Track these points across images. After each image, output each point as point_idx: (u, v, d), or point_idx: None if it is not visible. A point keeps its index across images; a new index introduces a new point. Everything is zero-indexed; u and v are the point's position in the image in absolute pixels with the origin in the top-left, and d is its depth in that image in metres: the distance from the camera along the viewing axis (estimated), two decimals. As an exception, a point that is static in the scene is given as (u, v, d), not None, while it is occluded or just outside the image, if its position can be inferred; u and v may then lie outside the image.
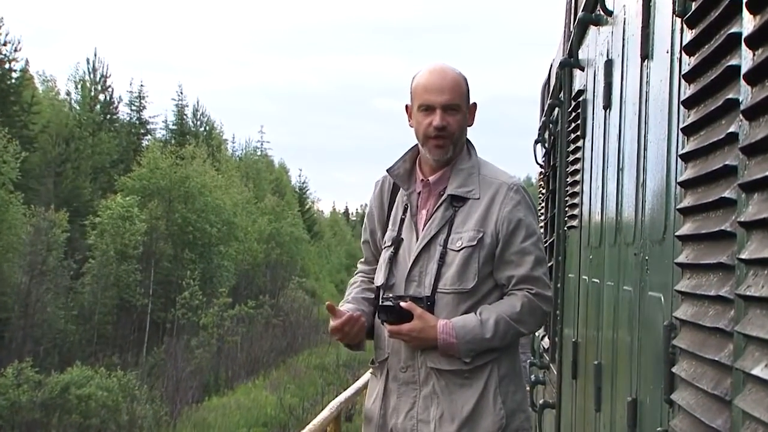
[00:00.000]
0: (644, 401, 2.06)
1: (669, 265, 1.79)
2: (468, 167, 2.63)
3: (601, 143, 3.12)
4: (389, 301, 2.57)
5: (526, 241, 2.56)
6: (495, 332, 2.52)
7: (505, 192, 2.58)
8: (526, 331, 2.65)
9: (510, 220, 2.55)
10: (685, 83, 1.67)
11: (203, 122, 59.51)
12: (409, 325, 2.53)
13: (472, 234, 2.55)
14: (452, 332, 2.51)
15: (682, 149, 1.66)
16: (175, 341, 37.85)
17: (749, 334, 1.13)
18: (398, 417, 2.61)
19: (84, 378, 29.25)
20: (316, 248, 71.48)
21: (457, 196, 2.60)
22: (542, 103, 6.93)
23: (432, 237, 2.59)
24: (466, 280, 2.55)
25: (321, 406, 18.60)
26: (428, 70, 2.64)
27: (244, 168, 62.02)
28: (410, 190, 2.69)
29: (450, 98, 2.57)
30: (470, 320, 2.53)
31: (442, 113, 2.57)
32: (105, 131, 48.77)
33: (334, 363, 37.76)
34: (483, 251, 2.55)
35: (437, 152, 2.61)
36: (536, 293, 2.57)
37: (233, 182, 52.60)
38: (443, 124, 2.56)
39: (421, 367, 2.58)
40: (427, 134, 2.59)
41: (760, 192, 1.18)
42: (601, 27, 3.28)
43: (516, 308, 2.55)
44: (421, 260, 2.60)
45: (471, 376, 2.55)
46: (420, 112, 2.61)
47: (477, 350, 2.53)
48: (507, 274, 2.57)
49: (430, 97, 2.58)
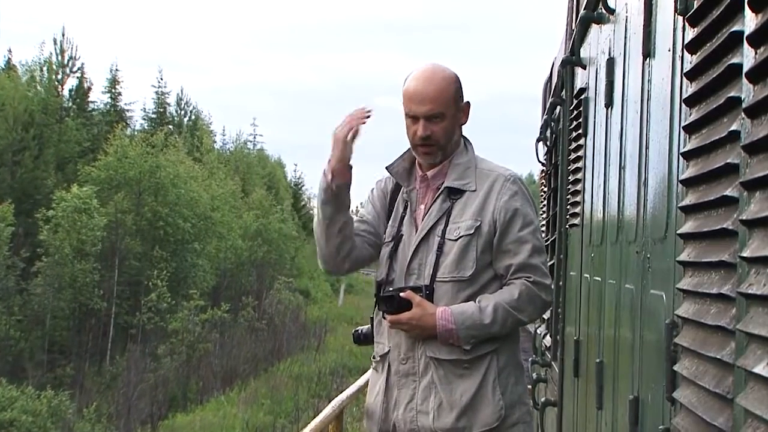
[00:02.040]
0: (646, 399, 2.07)
1: (671, 263, 1.79)
2: (465, 161, 2.67)
3: (603, 141, 3.12)
4: (388, 292, 2.61)
5: (523, 230, 2.58)
6: (494, 318, 2.54)
7: (502, 182, 2.61)
8: (526, 320, 2.65)
9: (507, 210, 2.58)
10: (686, 81, 1.67)
11: (187, 112, 54.77)
12: (408, 314, 2.55)
13: (470, 223, 2.58)
14: (450, 318, 2.53)
15: (683, 147, 1.66)
16: (137, 349, 33.73)
17: (751, 332, 1.14)
18: (399, 410, 2.63)
19: (6, 400, 24.50)
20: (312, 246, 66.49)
21: (455, 189, 2.63)
22: (544, 101, 6.93)
23: (430, 228, 2.62)
24: (464, 268, 2.57)
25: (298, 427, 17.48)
26: (414, 77, 2.66)
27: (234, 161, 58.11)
28: (410, 187, 2.73)
29: (432, 108, 2.60)
30: (469, 307, 2.56)
31: (426, 123, 2.60)
32: (72, 118, 43.39)
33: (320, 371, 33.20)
34: (481, 239, 2.57)
35: (425, 158, 2.68)
36: (534, 281, 2.58)
37: (215, 174, 47.81)
38: (427, 134, 2.61)
39: (421, 358, 2.60)
40: (414, 142, 2.65)
41: (761, 190, 1.18)
42: (602, 25, 3.28)
43: (514, 296, 2.56)
44: (419, 252, 2.63)
45: (470, 366, 2.57)
46: (408, 118, 2.66)
47: (476, 336, 2.55)
48: (505, 263, 2.59)
49: (413, 107, 2.62)
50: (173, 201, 39.86)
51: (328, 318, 45.76)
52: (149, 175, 39.42)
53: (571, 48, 4.19)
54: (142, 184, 39.36)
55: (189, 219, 40.18)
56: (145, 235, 38.94)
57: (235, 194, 49.29)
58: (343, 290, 58.32)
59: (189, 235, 40.24)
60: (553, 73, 5.97)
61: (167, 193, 39.74)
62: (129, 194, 38.74)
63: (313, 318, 45.88)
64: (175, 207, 39.79)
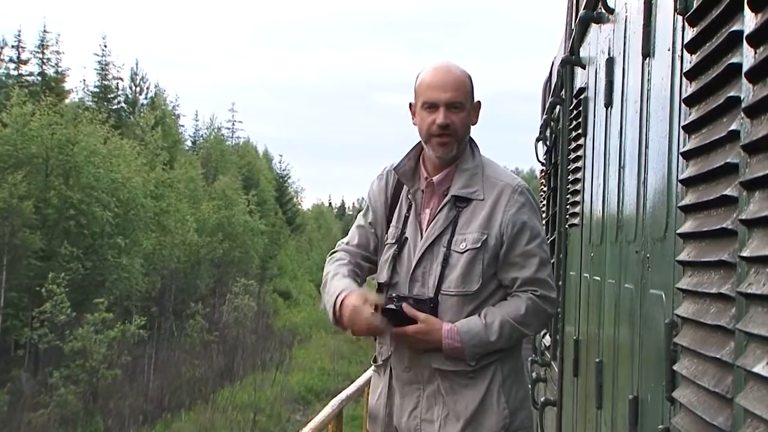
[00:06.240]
0: (645, 399, 2.07)
1: (670, 263, 1.79)
2: (472, 167, 2.61)
3: (603, 141, 3.12)
4: (392, 304, 2.55)
5: (530, 244, 2.55)
6: (500, 335, 2.52)
7: (509, 194, 2.56)
8: (531, 333, 2.65)
9: (515, 223, 2.54)
10: (686, 81, 1.67)
11: (143, 89, 44.37)
12: (414, 328, 2.51)
13: (476, 236, 2.54)
14: (457, 337, 2.50)
15: (683, 147, 1.66)
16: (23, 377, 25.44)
17: (750, 332, 1.14)
18: (402, 416, 2.61)
19: None
20: (296, 242, 61.13)
21: (461, 197, 2.58)
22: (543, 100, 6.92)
23: (436, 238, 2.58)
24: (470, 283, 2.54)
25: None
26: (433, 68, 2.62)
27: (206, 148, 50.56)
28: (415, 187, 2.67)
29: (453, 96, 2.56)
30: (475, 324, 2.52)
31: (446, 111, 2.55)
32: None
33: (276, 398, 25.62)
34: (487, 253, 2.53)
35: (441, 150, 2.59)
36: (541, 295, 2.56)
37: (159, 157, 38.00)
38: (447, 122, 2.54)
39: (425, 368, 2.57)
40: (430, 132, 2.57)
41: (761, 190, 1.18)
42: (602, 25, 3.28)
43: (521, 311, 2.54)
44: (424, 261, 2.59)
45: (475, 376, 2.55)
46: (424, 110, 2.59)
47: (482, 353, 2.53)
48: (511, 276, 2.56)
49: (433, 94, 2.57)
50: (88, 184, 30.54)
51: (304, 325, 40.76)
52: (58, 151, 30.24)
53: (571, 47, 4.19)
54: (50, 163, 30.32)
55: (110, 207, 31.07)
56: (52, 228, 30.16)
57: (195, 180, 41.59)
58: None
59: (110, 227, 31.19)
60: (552, 73, 5.97)
61: (80, 174, 30.41)
62: (32, 175, 29.69)
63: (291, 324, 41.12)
64: (92, 191, 30.59)
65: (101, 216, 30.44)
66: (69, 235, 29.98)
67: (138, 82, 44.19)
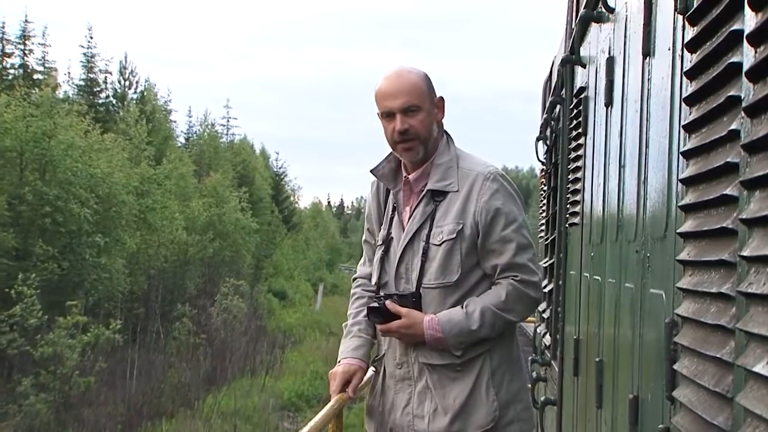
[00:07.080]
0: (645, 398, 2.07)
1: (670, 262, 1.79)
2: (446, 161, 2.66)
3: (603, 140, 3.12)
4: (376, 302, 2.64)
5: (506, 229, 2.57)
6: (482, 323, 2.54)
7: (481, 182, 2.60)
8: (517, 319, 2.65)
9: (488, 210, 2.57)
10: (686, 80, 1.67)
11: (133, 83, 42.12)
12: (398, 323, 2.57)
13: (452, 227, 2.58)
14: (438, 327, 2.54)
15: (683, 146, 1.66)
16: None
17: (751, 332, 1.13)
18: (396, 413, 2.65)
19: None
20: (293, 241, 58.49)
21: (437, 191, 2.62)
22: (544, 100, 6.92)
23: (414, 233, 2.63)
24: (449, 273, 2.57)
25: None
26: (384, 77, 2.67)
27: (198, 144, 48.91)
28: (397, 188, 2.73)
29: (406, 101, 2.60)
30: (455, 314, 2.56)
31: (402, 116, 2.60)
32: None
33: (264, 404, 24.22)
34: (464, 243, 2.57)
35: (407, 155, 2.65)
36: (521, 280, 2.58)
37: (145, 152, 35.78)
38: (404, 127, 2.60)
39: (414, 363, 2.62)
40: (393, 139, 2.64)
41: (761, 189, 1.18)
42: (602, 24, 3.28)
43: (501, 297, 2.57)
44: (406, 256, 2.64)
45: (463, 369, 2.58)
46: (383, 119, 2.65)
47: (466, 342, 2.56)
48: (491, 264, 2.59)
49: (387, 103, 2.62)
50: (65, 179, 28.42)
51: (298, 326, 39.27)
52: (34, 144, 28.14)
53: (571, 47, 4.19)
54: (25, 157, 28.15)
55: (88, 204, 28.67)
56: (27, 226, 27.90)
57: (185, 177, 39.79)
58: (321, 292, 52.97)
59: (89, 225, 28.70)
60: (552, 72, 5.97)
61: (57, 168, 28.36)
62: (6, 170, 27.93)
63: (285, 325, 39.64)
64: (69, 187, 28.40)
65: (79, 213, 28.18)
66: (45, 233, 27.80)
67: (127, 76, 42.07)
